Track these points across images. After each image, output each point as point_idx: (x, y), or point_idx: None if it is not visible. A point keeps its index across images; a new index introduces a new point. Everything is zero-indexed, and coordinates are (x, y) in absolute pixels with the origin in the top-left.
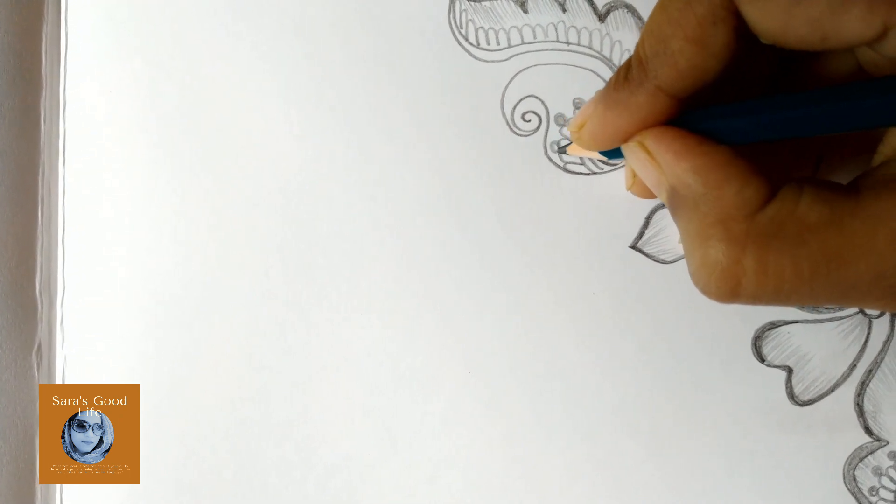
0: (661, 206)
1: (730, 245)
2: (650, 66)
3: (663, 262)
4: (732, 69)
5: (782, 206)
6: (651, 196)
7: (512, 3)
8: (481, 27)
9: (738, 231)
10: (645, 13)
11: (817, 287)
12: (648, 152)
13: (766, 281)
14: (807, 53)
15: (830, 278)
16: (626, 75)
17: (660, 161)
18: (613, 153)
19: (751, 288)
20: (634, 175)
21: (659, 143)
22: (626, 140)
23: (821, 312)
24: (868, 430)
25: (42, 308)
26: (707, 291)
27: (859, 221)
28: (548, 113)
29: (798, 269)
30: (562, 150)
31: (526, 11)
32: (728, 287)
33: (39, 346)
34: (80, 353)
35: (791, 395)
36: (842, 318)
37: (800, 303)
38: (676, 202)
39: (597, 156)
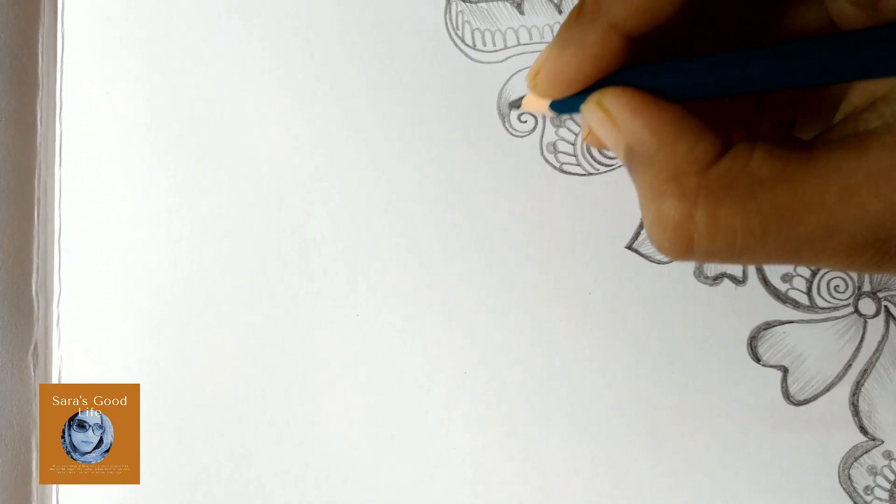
0: None
1: (681, 200)
2: (604, 1)
3: (659, 262)
4: (692, 18)
5: (734, 162)
6: (606, 147)
7: (508, 5)
8: (477, 28)
9: (689, 186)
10: None
11: (769, 243)
12: (605, 110)
13: (717, 236)
14: (776, 2)
15: (782, 234)
16: (580, 12)
17: (616, 119)
18: (563, 107)
19: (703, 243)
20: (589, 127)
21: (615, 101)
22: (579, 86)
23: (816, 312)
24: (863, 430)
25: (38, 308)
26: (662, 248)
27: (811, 176)
28: (544, 114)
29: (749, 223)
30: (514, 105)
31: (522, 13)
32: (681, 243)
33: (36, 347)
34: (76, 354)
35: (786, 395)
36: (837, 318)
37: (755, 261)
38: (632, 160)
39: (549, 112)
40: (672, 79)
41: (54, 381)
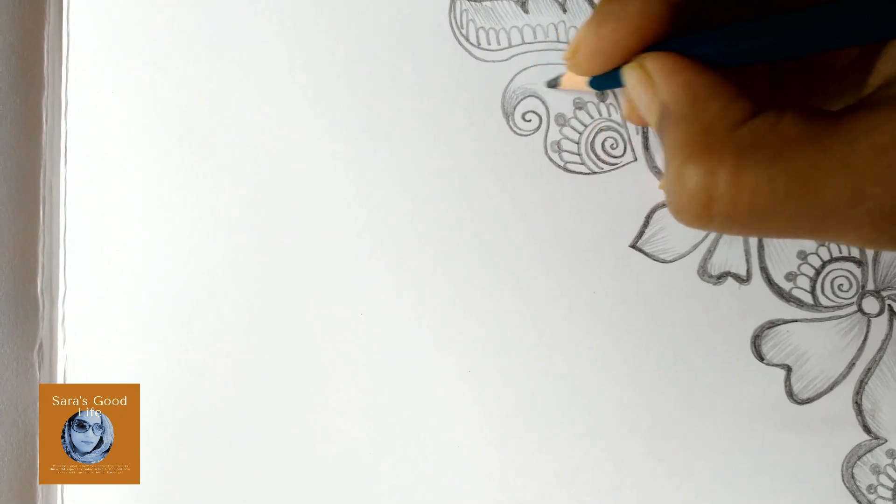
0: (662, 206)
1: (707, 154)
2: None
3: (663, 261)
4: None
5: (763, 122)
6: (645, 123)
7: (512, 3)
8: (482, 27)
9: (717, 141)
10: None
11: (792, 207)
12: (646, 72)
13: (739, 196)
14: None
15: (806, 199)
16: None
17: (656, 78)
18: (602, 83)
19: (724, 205)
20: (630, 103)
21: (656, 62)
22: (620, 60)
23: (820, 311)
24: (866, 429)
25: (43, 307)
26: (680, 209)
27: (840, 138)
28: (548, 113)
29: (773, 184)
30: (553, 84)
31: (526, 11)
32: (701, 202)
33: (41, 346)
34: (82, 353)
35: (790, 394)
36: (841, 316)
37: (776, 230)
38: (665, 119)
39: (586, 87)
40: (707, 47)
41: (59, 380)
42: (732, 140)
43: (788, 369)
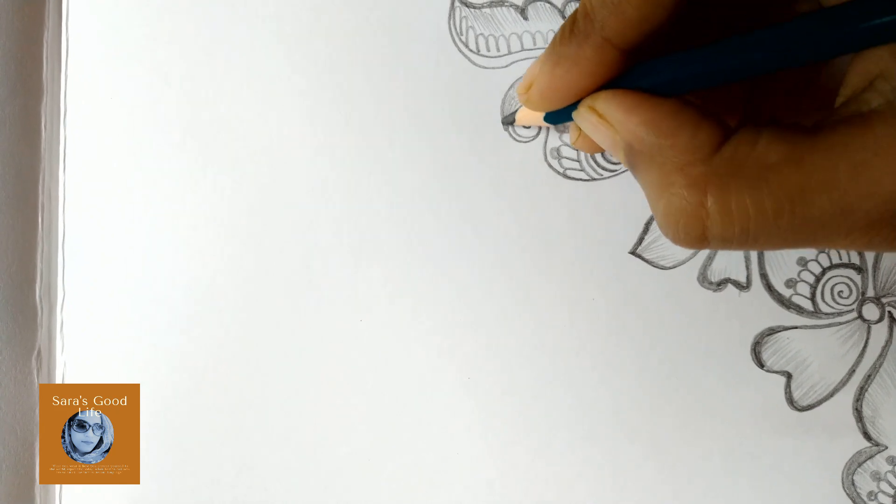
0: None
1: (690, 189)
2: (597, 16)
3: (662, 267)
4: (684, 13)
5: (739, 147)
6: (597, 149)
7: (512, 10)
8: (481, 34)
9: (696, 174)
10: None
11: (783, 226)
12: (599, 115)
13: (730, 221)
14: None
15: (795, 216)
16: (572, 29)
17: (611, 121)
18: (557, 117)
19: (717, 230)
20: (579, 131)
21: (608, 103)
22: (574, 98)
23: (820, 318)
24: (867, 435)
25: (42, 313)
26: (677, 240)
27: (819, 156)
28: None
29: (761, 207)
30: (508, 121)
31: (526, 18)
32: (696, 232)
33: (39, 352)
34: (80, 359)
35: (790, 401)
36: (841, 323)
37: (772, 244)
38: (634, 158)
39: (542, 122)
40: (661, 75)
41: None
42: (711, 170)
43: (789, 376)
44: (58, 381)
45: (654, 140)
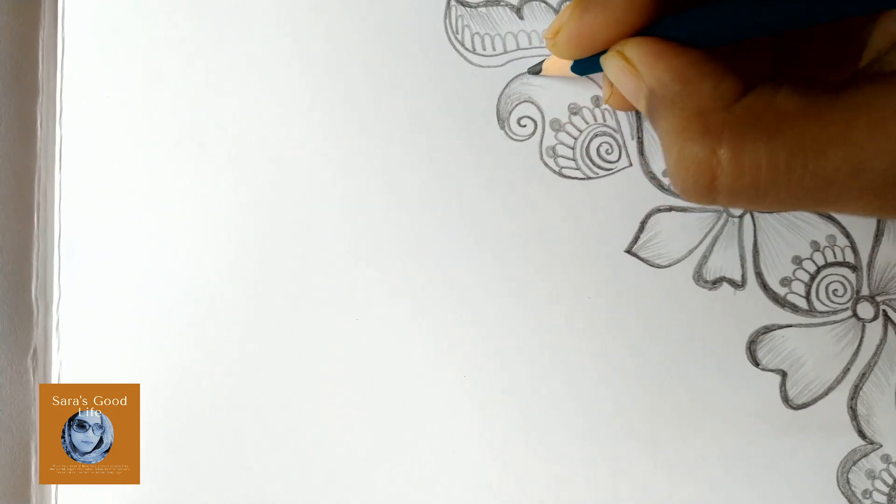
0: (657, 211)
1: (706, 136)
2: None
3: (658, 266)
4: None
5: (759, 98)
6: (628, 107)
7: (507, 9)
8: (477, 33)
9: (714, 121)
10: None
11: (794, 180)
12: (627, 60)
13: (741, 172)
14: None
15: (807, 171)
16: None
17: (638, 65)
18: (585, 68)
19: (727, 181)
20: (612, 87)
21: (635, 48)
22: (602, 47)
23: (815, 317)
24: (861, 434)
25: (38, 313)
26: (685, 189)
27: (838, 111)
28: (543, 118)
29: (774, 159)
30: (534, 71)
31: (521, 17)
32: (705, 181)
33: (35, 351)
34: (76, 358)
35: (785, 399)
36: (836, 322)
37: (779, 202)
38: (654, 104)
39: (569, 73)
40: (689, 27)
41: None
42: (729, 118)
43: (783, 374)
44: (54, 380)
45: (677, 86)
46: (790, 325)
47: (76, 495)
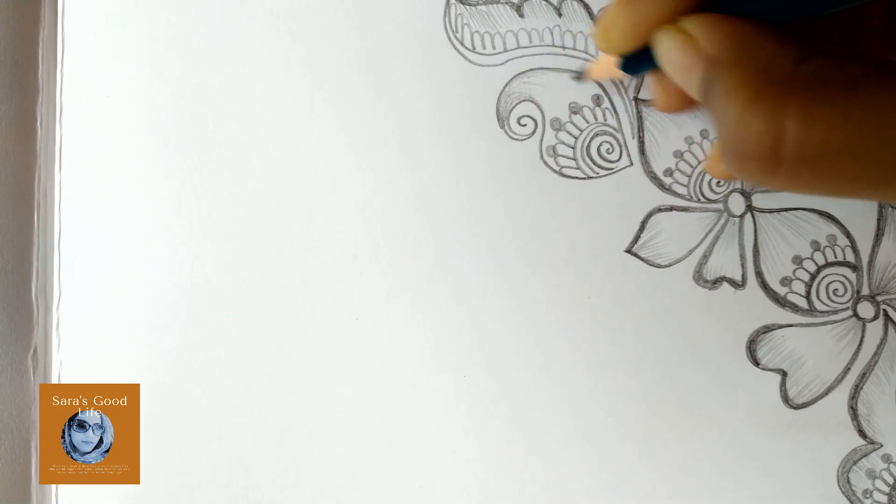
0: (657, 211)
1: (774, 91)
2: None
3: (658, 266)
4: None
5: (827, 61)
6: (679, 107)
7: (507, 7)
8: (477, 31)
9: (783, 77)
10: None
11: (866, 139)
12: (685, 33)
13: (811, 135)
14: None
15: (882, 138)
16: None
17: (699, 34)
18: (637, 66)
19: (794, 144)
20: (660, 89)
21: (696, 19)
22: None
23: (815, 316)
24: (862, 433)
25: (38, 312)
26: (745, 156)
27: None
28: (543, 117)
29: (847, 120)
30: (578, 77)
31: (521, 15)
32: (769, 144)
33: (35, 350)
34: (76, 358)
35: (785, 399)
36: (836, 321)
37: (843, 178)
38: (713, 73)
39: (615, 75)
40: (744, 7)
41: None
42: (798, 74)
43: (784, 374)
44: (54, 380)
45: (740, 49)
46: (790, 325)
47: (76, 495)
